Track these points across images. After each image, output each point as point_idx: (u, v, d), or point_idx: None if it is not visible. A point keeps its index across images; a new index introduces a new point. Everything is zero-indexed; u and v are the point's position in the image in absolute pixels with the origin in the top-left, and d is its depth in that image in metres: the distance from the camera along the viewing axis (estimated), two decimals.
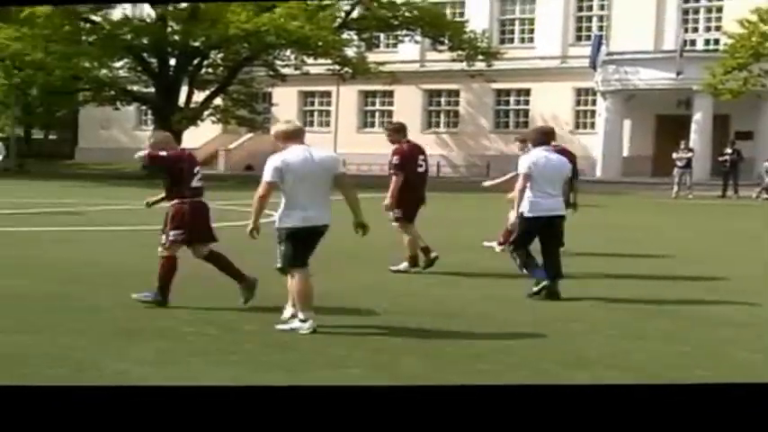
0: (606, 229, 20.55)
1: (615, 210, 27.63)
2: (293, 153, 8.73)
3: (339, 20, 46.53)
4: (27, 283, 11.42)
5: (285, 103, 56.24)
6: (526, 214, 10.91)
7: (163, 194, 10.13)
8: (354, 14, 47.92)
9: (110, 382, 6.91)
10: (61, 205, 24.60)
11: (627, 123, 49.26)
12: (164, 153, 9.85)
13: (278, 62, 49.53)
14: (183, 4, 46.05)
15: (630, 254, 15.67)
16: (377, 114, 58.26)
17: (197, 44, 45.71)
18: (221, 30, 41.90)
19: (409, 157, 13.00)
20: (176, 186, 9.81)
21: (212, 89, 48.31)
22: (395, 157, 12.91)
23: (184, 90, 47.52)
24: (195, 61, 47.72)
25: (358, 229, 9.11)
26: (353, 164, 53.76)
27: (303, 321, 8.68)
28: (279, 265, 8.90)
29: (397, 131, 13.25)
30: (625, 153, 48.64)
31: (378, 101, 57.99)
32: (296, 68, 49.27)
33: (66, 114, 65.84)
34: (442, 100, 56.76)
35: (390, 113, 57.43)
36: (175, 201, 9.84)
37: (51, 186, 35.31)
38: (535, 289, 10.90)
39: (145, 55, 47.74)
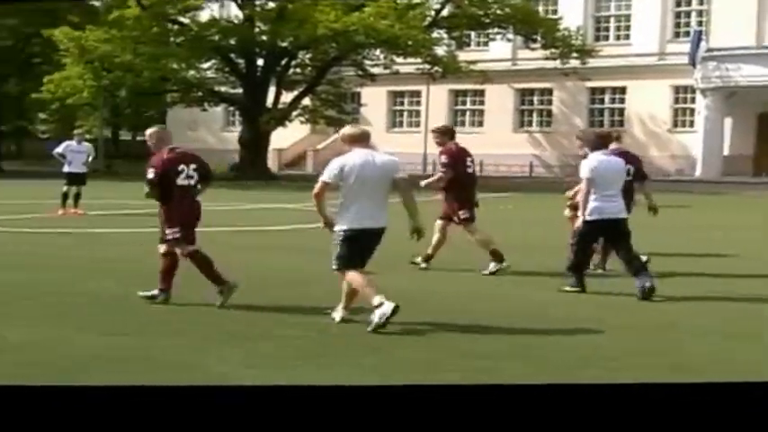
0: (710, 230, 20.08)
1: (720, 210, 27.08)
2: (356, 156, 8.98)
3: (429, 18, 46.44)
4: (121, 284, 11.46)
5: (374, 103, 56.38)
6: (588, 218, 11.10)
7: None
8: (445, 13, 47.77)
9: (211, 383, 6.85)
10: (148, 206, 24.81)
11: (728, 121, 48.35)
12: (151, 175, 10.12)
13: (367, 62, 49.59)
14: (271, 4, 46.40)
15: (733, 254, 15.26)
16: (467, 114, 58.08)
17: (285, 44, 46.01)
18: (309, 30, 42.05)
19: (458, 158, 13.18)
20: (166, 187, 10.12)
21: (300, 89, 48.58)
22: (443, 156, 13.16)
23: (272, 91, 47.88)
24: (283, 61, 48.05)
25: (413, 233, 9.29)
26: None
27: (380, 305, 8.68)
28: (334, 267, 9.06)
29: (444, 133, 13.45)
30: (725, 152, 47.74)
31: (468, 100, 57.77)
32: (385, 68, 49.26)
33: (153, 116, 66.80)
34: (535, 99, 56.34)
35: (481, 113, 57.23)
36: (166, 200, 10.16)
37: (139, 188, 35.73)
38: (567, 288, 11.22)
39: (232, 56, 48.25)
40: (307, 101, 49.79)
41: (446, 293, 11.19)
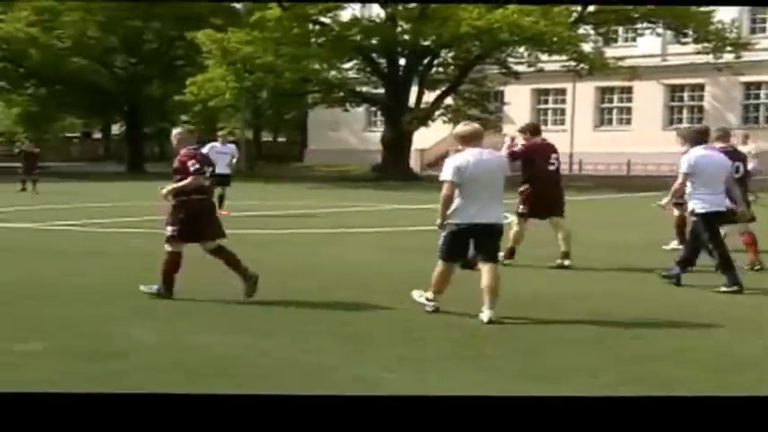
0: None
1: None
2: (469, 154, 9.44)
3: (575, 14, 45.89)
4: (262, 285, 11.59)
5: (518, 102, 56.07)
6: (698, 211, 11.43)
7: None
8: (591, 8, 47.13)
9: (348, 388, 6.86)
10: (292, 207, 25.14)
11: None
12: (197, 166, 10.56)
13: (511, 59, 49.29)
14: (414, 3, 46.49)
15: None
16: (614, 111, 57.25)
17: (427, 43, 46.07)
18: (452, 28, 42.02)
19: (539, 152, 13.54)
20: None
21: (443, 89, 48.60)
22: (515, 149, 13.46)
23: (414, 90, 47.98)
24: (425, 60, 48.13)
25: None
26: (590, 163, 53.04)
27: (430, 301, 9.64)
28: (439, 255, 9.70)
29: (525, 131, 13.87)
30: None
31: (615, 97, 56.95)
32: (529, 65, 48.88)
33: (294, 116, 67.83)
34: (686, 95, 55.19)
35: (629, 110, 56.36)
36: (179, 198, 10.62)
37: (282, 189, 36.32)
38: (723, 289, 11.18)
39: (374, 55, 48.53)
40: (449, 100, 49.78)
41: (592, 294, 11.00)
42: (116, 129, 79.43)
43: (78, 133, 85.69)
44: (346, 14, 49.75)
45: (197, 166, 10.50)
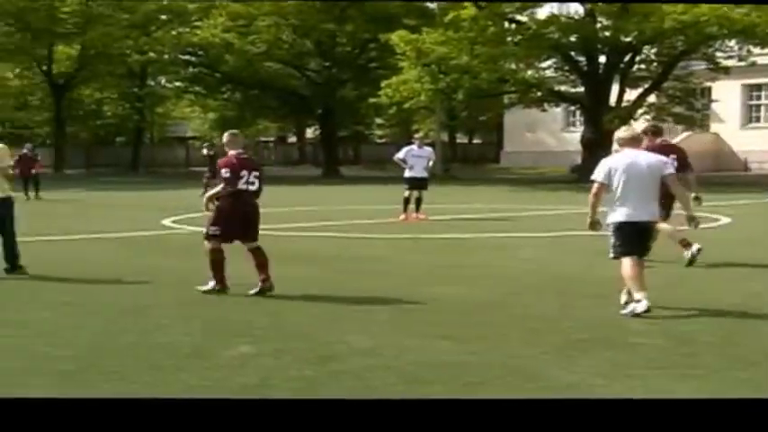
0: None
1: None
2: (623, 156, 10.34)
3: None
4: (466, 290, 11.80)
5: (727, 98, 54.68)
6: None
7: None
8: None
9: (559, 393, 6.99)
10: (491, 211, 25.32)
11: None
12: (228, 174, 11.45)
13: (719, 54, 48.10)
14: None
15: None
16: None
17: (629, 39, 45.42)
18: (655, 23, 41.37)
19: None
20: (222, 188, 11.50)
21: (645, 86, 47.82)
22: None
23: (615, 88, 47.39)
24: (627, 57, 47.49)
25: (690, 222, 11.08)
26: None
27: (638, 301, 9.88)
28: (611, 255, 10.37)
29: (646, 132, 14.20)
30: None
31: None
32: (740, 60, 47.59)
33: (490, 118, 67.95)
34: None
35: None
36: (219, 200, 11.57)
37: (479, 192, 36.50)
38: None
39: (573, 53, 48.14)
40: (652, 98, 48.94)
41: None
42: (310, 132, 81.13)
43: (273, 137, 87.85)
44: (543, 12, 49.60)
45: (228, 174, 11.37)
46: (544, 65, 50.25)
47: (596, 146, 46.82)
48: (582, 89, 48.96)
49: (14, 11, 58.03)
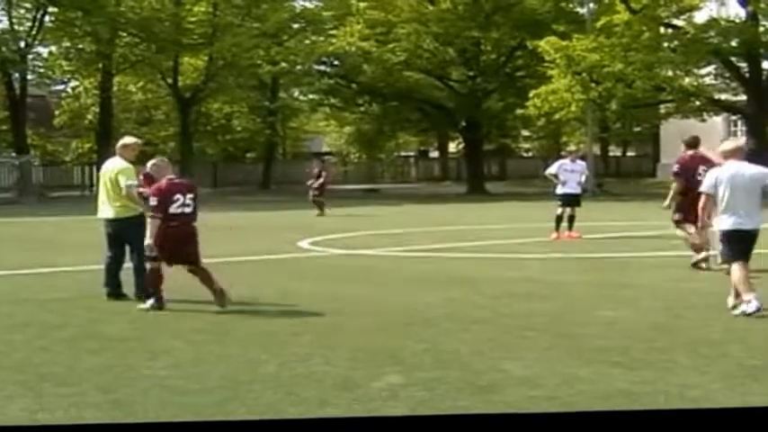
0: None
1: None
2: (727, 168, 11.67)
3: None
4: (629, 313, 11.67)
5: None
6: None
7: None
8: None
9: None
10: (648, 228, 24.92)
11: None
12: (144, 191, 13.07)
13: None
14: None
15: None
16: None
17: None
18: None
19: (689, 167, 16.32)
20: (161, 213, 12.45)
21: None
22: (675, 166, 17.02)
23: None
24: None
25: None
26: None
27: (748, 302, 11.10)
28: (719, 260, 12.05)
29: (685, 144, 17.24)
30: None
31: None
32: None
33: (645, 129, 67.03)
34: None
35: None
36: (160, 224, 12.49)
37: (634, 207, 35.98)
38: None
39: (734, 59, 47.22)
40: None
41: None
42: (453, 147, 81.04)
43: (414, 152, 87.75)
44: (702, 15, 48.75)
45: (155, 202, 12.43)
46: (703, 72, 49.37)
47: (761, 157, 45.85)
48: (744, 97, 47.99)
49: (138, 20, 58.45)
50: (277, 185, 64.53)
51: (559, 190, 23.12)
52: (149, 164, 13.43)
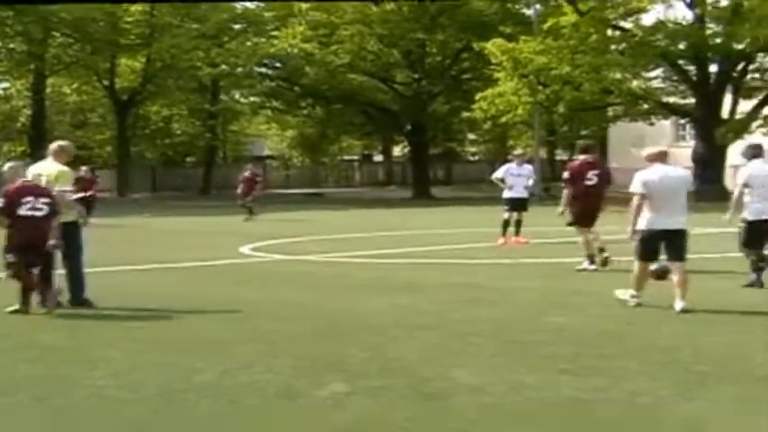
0: None
1: None
2: (654, 171, 12.52)
3: None
4: (578, 320, 11.71)
5: None
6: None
7: None
8: None
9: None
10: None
11: None
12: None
13: None
14: (725, 2, 45.41)
15: None
16: None
17: (742, 46, 44.94)
18: None
19: (579, 172, 17.60)
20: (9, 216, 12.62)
21: (761, 97, 47.11)
22: (565, 173, 18.22)
23: (728, 99, 46.84)
24: (740, 66, 46.93)
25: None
26: None
27: (632, 296, 12.60)
28: (634, 257, 12.78)
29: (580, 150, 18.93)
30: None
31: None
32: None
33: (593, 132, 67.38)
34: None
35: None
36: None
37: None
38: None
39: (682, 62, 47.70)
40: None
41: None
42: (398, 150, 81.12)
43: (358, 156, 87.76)
44: (649, 18, 49.16)
45: (1, 204, 12.60)
46: (651, 75, 49.80)
47: (709, 162, 46.31)
48: (692, 101, 48.48)
49: (72, 20, 57.84)
50: (218, 190, 64.12)
51: (506, 194, 23.17)
52: (8, 166, 13.40)
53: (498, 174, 23.92)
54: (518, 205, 23.06)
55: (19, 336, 11.16)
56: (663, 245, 12.46)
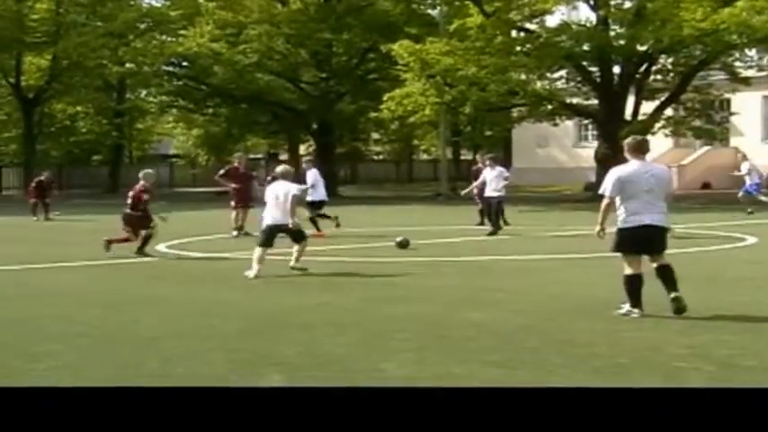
0: None
1: None
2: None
3: None
4: (499, 315, 12.05)
5: (748, 111, 54.97)
6: None
7: None
8: None
9: None
10: (507, 232, 25.54)
11: None
12: None
13: (739, 64, 48.47)
14: (628, 4, 46.19)
15: None
16: None
17: (644, 48, 45.66)
18: (673, 31, 41.51)
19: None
20: None
21: (663, 98, 48.05)
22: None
23: (631, 100, 47.65)
24: (642, 67, 47.72)
25: None
26: None
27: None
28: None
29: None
30: None
31: None
32: (760, 70, 47.96)
33: (496, 133, 68.01)
34: None
35: None
36: None
37: None
38: None
39: (585, 63, 48.35)
40: (670, 111, 49.28)
41: None
42: (303, 149, 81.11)
43: (263, 154, 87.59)
44: (553, 20, 49.76)
45: None
46: (555, 75, 50.46)
47: (612, 162, 46.91)
48: (596, 102, 49.21)
49: None
50: (125, 189, 63.38)
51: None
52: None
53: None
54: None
55: None
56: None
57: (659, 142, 51.66)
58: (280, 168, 18.29)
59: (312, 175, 26.19)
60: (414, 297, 13.81)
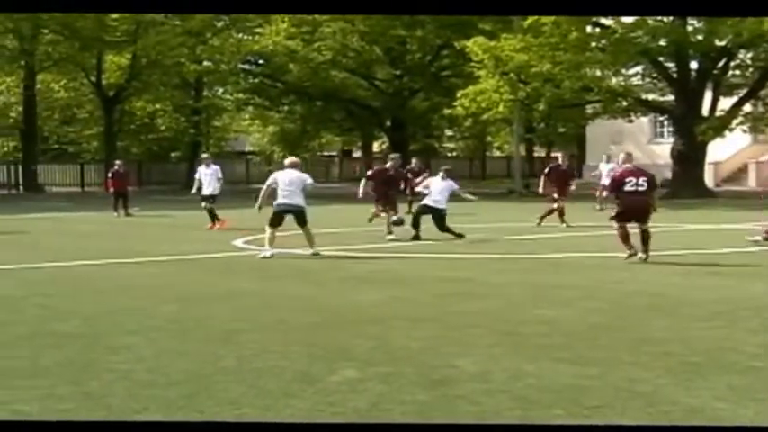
0: None
1: None
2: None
3: None
4: (570, 312, 12.14)
5: None
6: None
7: None
8: None
9: (680, 419, 7.33)
10: (579, 229, 25.53)
11: None
12: None
13: None
14: None
15: None
16: None
17: (723, 43, 45.25)
18: (753, 25, 41.13)
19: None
20: None
21: (741, 94, 47.56)
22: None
23: (708, 96, 47.23)
24: (721, 63, 47.30)
25: None
26: None
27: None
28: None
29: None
30: None
31: None
32: None
33: (571, 129, 67.79)
34: None
35: None
36: None
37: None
38: None
39: (662, 59, 48.02)
40: (748, 107, 48.71)
41: None
42: (377, 146, 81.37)
43: (337, 152, 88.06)
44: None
45: None
46: (631, 72, 50.17)
47: (688, 159, 46.75)
48: (672, 98, 48.85)
49: (61, 17, 57.81)
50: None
51: None
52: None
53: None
54: None
55: (35, 324, 11.56)
56: None
57: (737, 138, 51.22)
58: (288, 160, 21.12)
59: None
60: (486, 293, 13.93)
